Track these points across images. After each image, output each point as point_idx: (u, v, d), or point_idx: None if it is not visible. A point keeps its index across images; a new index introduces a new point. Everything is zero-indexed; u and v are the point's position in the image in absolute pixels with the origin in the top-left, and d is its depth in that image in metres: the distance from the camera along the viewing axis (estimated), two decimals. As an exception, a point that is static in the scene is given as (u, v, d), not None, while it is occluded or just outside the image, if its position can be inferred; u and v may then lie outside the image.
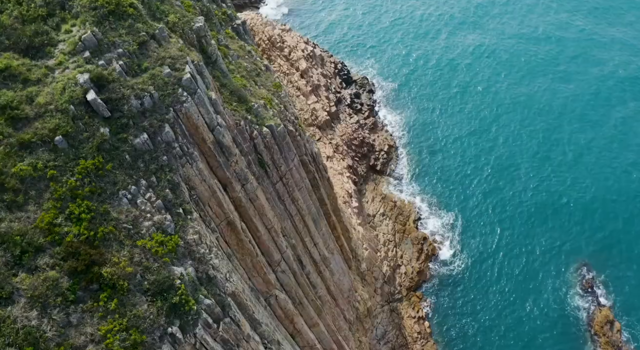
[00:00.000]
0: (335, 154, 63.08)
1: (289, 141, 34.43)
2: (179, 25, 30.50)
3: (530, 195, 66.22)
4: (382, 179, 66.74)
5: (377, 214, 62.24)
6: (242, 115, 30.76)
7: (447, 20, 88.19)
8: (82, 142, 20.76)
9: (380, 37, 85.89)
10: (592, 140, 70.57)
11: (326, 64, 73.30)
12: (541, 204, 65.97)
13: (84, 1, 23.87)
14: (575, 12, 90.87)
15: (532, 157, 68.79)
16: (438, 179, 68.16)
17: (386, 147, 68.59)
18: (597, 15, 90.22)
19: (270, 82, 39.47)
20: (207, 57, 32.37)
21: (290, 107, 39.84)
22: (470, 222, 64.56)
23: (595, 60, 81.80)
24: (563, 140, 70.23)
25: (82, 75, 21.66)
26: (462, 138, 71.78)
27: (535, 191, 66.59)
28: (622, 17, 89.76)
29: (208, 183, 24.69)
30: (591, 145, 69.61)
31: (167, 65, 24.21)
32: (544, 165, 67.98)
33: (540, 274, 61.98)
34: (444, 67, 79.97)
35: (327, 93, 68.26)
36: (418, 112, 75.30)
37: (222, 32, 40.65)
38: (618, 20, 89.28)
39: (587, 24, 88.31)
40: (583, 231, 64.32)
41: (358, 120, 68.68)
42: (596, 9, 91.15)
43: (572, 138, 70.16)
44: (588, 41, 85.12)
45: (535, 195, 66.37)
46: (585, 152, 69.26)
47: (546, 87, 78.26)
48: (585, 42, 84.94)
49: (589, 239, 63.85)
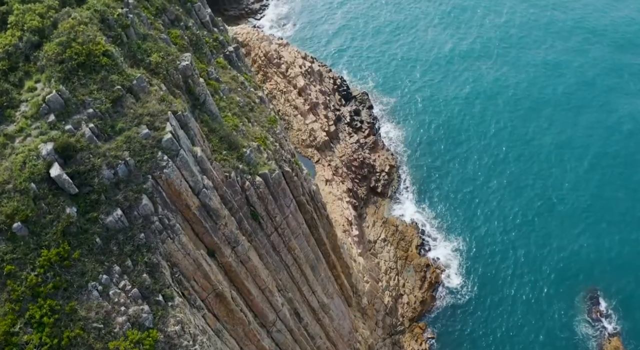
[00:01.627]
0: (334, 177, 60.38)
1: (284, 187, 31.74)
2: (163, 66, 27.75)
3: (539, 218, 63.62)
4: (383, 202, 64.06)
5: (379, 240, 59.62)
6: (233, 164, 28.03)
7: (450, 32, 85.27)
8: (44, 227, 18.03)
9: (381, 49, 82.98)
10: (604, 160, 67.91)
11: (325, 80, 70.47)
12: (549, 226, 63.38)
13: (49, 53, 21.09)
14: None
15: (541, 177, 66.08)
16: (441, 201, 65.49)
17: (387, 167, 65.88)
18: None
19: (265, 116, 36.73)
20: (195, 99, 29.65)
21: (286, 144, 37.14)
22: (475, 246, 61.95)
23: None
24: (573, 159, 67.57)
25: (45, 146, 18.91)
26: (466, 155, 69.06)
27: (544, 214, 63.95)
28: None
29: (192, 256, 22.00)
30: (603, 166, 66.94)
31: (145, 125, 21.46)
32: (553, 186, 65.31)
33: (548, 301, 59.44)
34: (446, 81, 77.19)
35: (325, 111, 65.48)
36: (419, 128, 72.56)
37: (212, 62, 37.87)
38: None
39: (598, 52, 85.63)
40: (593, 255, 61.73)
41: (358, 140, 65.93)
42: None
43: (581, 157, 67.52)
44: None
45: (544, 217, 63.77)
46: (596, 173, 66.65)
47: (555, 98, 75.53)
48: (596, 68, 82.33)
49: (598, 263, 61.30)
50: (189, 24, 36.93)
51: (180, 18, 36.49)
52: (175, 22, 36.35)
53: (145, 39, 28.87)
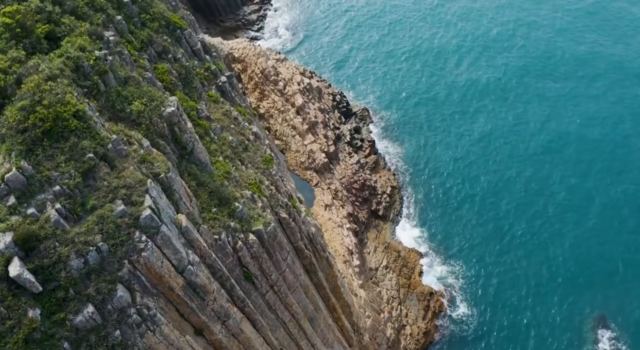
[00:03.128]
0: (334, 201, 57.87)
1: (280, 240, 29.21)
2: (146, 114, 25.16)
3: (547, 244, 61.10)
4: (384, 225, 61.59)
5: (380, 267, 57.20)
6: (224, 223, 25.49)
7: (454, 46, 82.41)
8: (3, 335, 15.52)
9: (382, 62, 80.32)
10: (617, 185, 65.41)
11: (324, 97, 67.83)
12: (558, 253, 60.92)
13: (10, 120, 18.48)
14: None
15: (550, 198, 63.51)
16: (445, 223, 63.03)
17: (389, 189, 63.38)
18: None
19: (260, 155, 34.15)
20: (182, 148, 27.05)
21: (283, 185, 34.59)
22: (481, 272, 59.55)
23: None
24: (581, 181, 65.09)
25: (3, 237, 16.36)
26: (470, 173, 66.57)
27: (553, 239, 61.45)
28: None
29: (177, 346, 19.51)
30: (616, 191, 64.50)
31: (120, 199, 18.90)
32: (561, 208, 62.84)
33: (556, 331, 57.11)
34: (451, 96, 74.57)
35: (325, 130, 62.89)
36: (422, 144, 70.02)
37: (204, 96, 35.25)
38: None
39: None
40: (601, 281, 59.46)
41: (358, 160, 63.36)
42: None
43: (589, 179, 65.05)
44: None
45: (552, 243, 61.29)
46: (607, 199, 64.14)
47: (561, 113, 73.12)
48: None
49: (607, 289, 59.02)
50: (177, 56, 34.33)
51: (168, 49, 33.86)
52: (162, 55, 33.75)
53: (127, 82, 26.28)
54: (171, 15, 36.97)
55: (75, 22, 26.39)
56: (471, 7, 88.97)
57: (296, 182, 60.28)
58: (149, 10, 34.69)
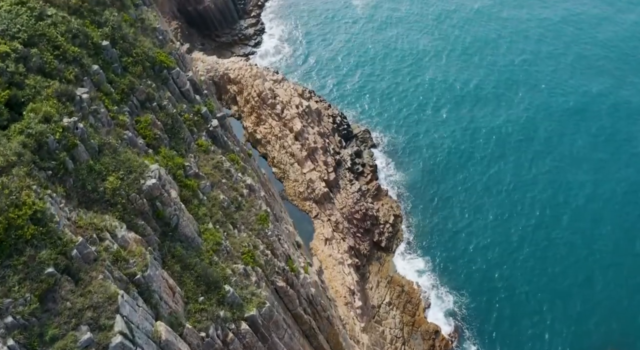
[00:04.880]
0: (334, 234, 54.85)
1: (277, 319, 26.19)
2: (123, 191, 22.05)
3: (562, 273, 58.04)
4: (387, 257, 58.64)
5: (383, 304, 54.30)
6: (212, 313, 22.43)
7: (461, 63, 78.95)
8: None
9: (385, 79, 77.02)
10: (621, 213, 62.50)
11: (323, 119, 64.65)
12: (573, 282, 57.90)
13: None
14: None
15: (564, 227, 60.47)
16: (451, 253, 60.02)
17: (391, 218, 60.37)
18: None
19: (254, 214, 31.05)
20: (165, 224, 23.97)
21: (280, 245, 31.53)
22: (491, 306, 56.56)
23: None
24: (595, 213, 62.09)
25: None
26: (478, 202, 63.48)
27: (567, 269, 58.31)
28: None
29: None
30: (622, 220, 61.65)
31: (86, 325, 15.85)
32: (577, 237, 59.71)
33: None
34: (457, 118, 71.37)
35: (324, 157, 59.77)
36: (426, 169, 66.90)
37: (192, 146, 32.07)
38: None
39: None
40: (618, 317, 56.67)
41: (360, 188, 60.28)
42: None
43: (603, 213, 62.07)
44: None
45: (567, 273, 58.16)
46: (616, 228, 61.25)
47: (570, 136, 70.07)
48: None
49: (624, 326, 56.24)
50: (163, 103, 31.12)
51: (153, 96, 30.65)
52: (146, 103, 30.54)
53: (102, 151, 23.15)
54: (157, 53, 33.74)
55: (43, 82, 23.25)
56: (480, 21, 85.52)
57: (295, 213, 57.30)
58: (132, 52, 31.50)
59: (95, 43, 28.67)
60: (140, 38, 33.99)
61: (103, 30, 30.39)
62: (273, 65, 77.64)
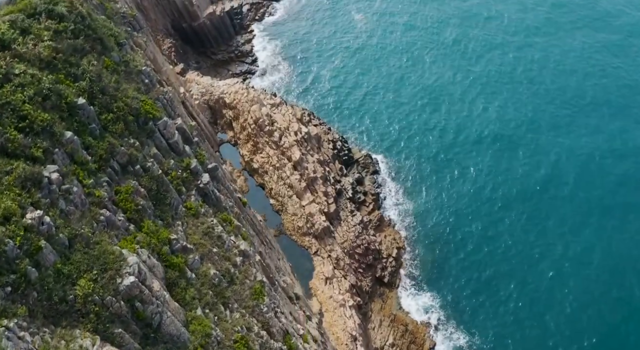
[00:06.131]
0: (335, 272, 52.06)
1: None
2: (96, 295, 19.22)
3: (577, 310, 54.96)
4: (390, 294, 55.88)
5: (386, 346, 51.60)
6: None
7: (470, 84, 75.44)
8: None
9: (387, 99, 73.82)
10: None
11: (323, 145, 61.67)
12: (592, 314, 54.83)
13: None
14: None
15: (579, 266, 57.49)
16: (459, 289, 57.02)
17: (394, 251, 57.57)
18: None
19: (248, 287, 28.20)
20: (145, 325, 21.12)
21: (277, 322, 28.69)
22: (501, 348, 53.94)
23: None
24: (607, 242, 59.36)
25: None
26: (488, 234, 60.33)
27: (586, 303, 55.07)
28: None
29: None
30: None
31: None
32: (603, 279, 56.59)
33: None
34: (465, 142, 68.19)
35: (324, 187, 56.86)
36: (431, 197, 63.92)
37: (180, 210, 29.12)
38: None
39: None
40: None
41: (362, 219, 57.41)
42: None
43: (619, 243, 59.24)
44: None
45: (582, 309, 55.02)
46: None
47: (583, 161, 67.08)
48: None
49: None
50: (147, 164, 28.15)
51: (136, 158, 27.67)
52: (128, 167, 27.59)
53: (72, 245, 20.28)
54: (142, 103, 30.77)
55: (4, 165, 20.33)
56: (493, 42, 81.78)
57: (293, 249, 54.60)
58: (113, 106, 28.52)
59: (69, 103, 25.68)
60: (124, 86, 31.01)
61: (80, 84, 27.42)
62: (271, 84, 74.55)
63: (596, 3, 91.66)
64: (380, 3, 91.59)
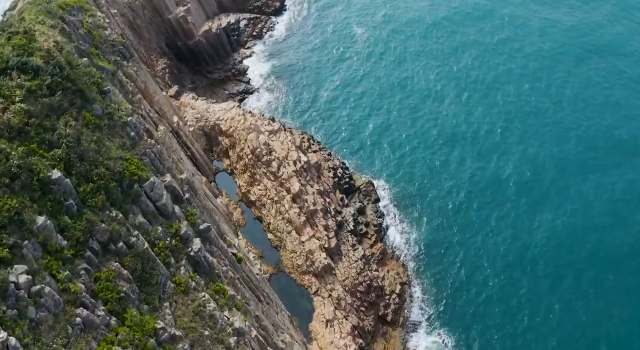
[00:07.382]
0: (336, 313, 49.59)
1: None
2: None
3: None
4: (394, 333, 53.40)
5: (390, 391, 49.37)
6: None
7: (476, 106, 72.31)
8: None
9: (390, 122, 70.93)
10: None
11: (324, 173, 59.03)
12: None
13: None
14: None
15: (599, 313, 54.67)
16: (467, 327, 54.32)
17: (398, 287, 55.06)
18: None
19: (243, 374, 25.74)
20: None
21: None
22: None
23: None
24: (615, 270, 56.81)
25: None
26: (499, 266, 57.49)
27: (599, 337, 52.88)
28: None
29: None
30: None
31: None
32: (597, 314, 54.57)
33: None
34: (473, 168, 65.45)
35: (325, 220, 54.26)
36: (436, 226, 61.10)
37: (169, 288, 26.53)
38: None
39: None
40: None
41: (364, 254, 54.88)
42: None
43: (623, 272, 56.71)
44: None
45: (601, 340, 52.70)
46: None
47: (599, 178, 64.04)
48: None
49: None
50: (131, 240, 25.56)
51: (119, 234, 25.11)
52: (110, 245, 25.03)
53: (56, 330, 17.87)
54: (126, 163, 28.15)
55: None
56: (510, 68, 77.64)
57: (293, 289, 52.19)
58: (92, 175, 25.91)
59: (42, 179, 23.16)
60: (107, 144, 28.43)
61: (55, 153, 24.89)
62: (268, 104, 71.79)
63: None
64: (382, 17, 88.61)
